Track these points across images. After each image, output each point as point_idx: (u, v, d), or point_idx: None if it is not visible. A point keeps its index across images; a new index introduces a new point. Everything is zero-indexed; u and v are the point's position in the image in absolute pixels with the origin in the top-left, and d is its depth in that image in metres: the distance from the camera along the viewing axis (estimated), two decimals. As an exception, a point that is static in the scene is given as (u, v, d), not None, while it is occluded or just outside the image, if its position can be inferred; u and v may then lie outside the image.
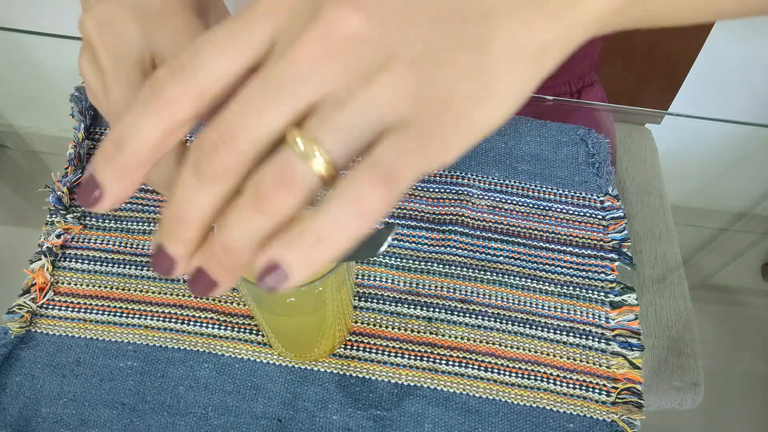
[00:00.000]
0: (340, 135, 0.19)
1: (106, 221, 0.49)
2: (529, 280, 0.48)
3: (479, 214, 0.50)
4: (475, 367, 0.44)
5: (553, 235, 0.50)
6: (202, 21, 0.28)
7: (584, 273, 0.48)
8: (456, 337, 0.45)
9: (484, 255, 0.49)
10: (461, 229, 0.49)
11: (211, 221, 0.21)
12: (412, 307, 0.46)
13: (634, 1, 0.22)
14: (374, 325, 0.46)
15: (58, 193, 0.49)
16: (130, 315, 0.46)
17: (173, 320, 0.45)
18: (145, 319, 0.45)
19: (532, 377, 0.44)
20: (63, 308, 0.46)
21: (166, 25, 0.25)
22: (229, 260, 0.20)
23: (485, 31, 0.20)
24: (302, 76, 0.19)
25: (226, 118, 0.19)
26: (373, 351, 0.45)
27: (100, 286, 0.47)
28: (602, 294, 0.47)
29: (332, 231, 0.19)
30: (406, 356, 0.45)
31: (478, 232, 0.50)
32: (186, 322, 0.45)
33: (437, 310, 0.46)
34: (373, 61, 0.19)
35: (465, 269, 0.48)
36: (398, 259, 0.48)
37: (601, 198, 0.52)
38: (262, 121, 0.19)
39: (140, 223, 0.49)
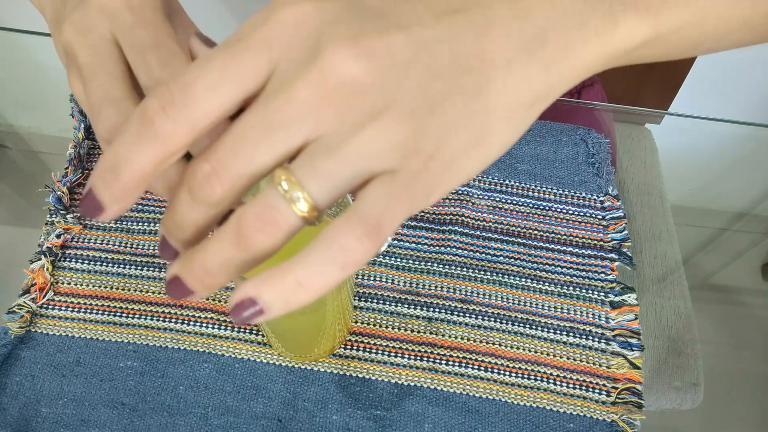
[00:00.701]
0: (326, 181, 0.19)
1: (106, 221, 0.49)
2: (529, 280, 0.48)
3: (479, 214, 0.50)
4: (475, 367, 0.44)
5: (553, 235, 0.50)
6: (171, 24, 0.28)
7: (584, 273, 0.48)
8: (456, 337, 0.45)
9: (484, 255, 0.49)
10: (461, 229, 0.49)
11: (202, 234, 0.22)
12: (412, 307, 0.46)
13: (634, 46, 0.23)
14: (374, 325, 0.46)
15: (58, 193, 0.49)
16: (130, 315, 0.46)
17: (173, 320, 0.45)
18: (145, 319, 0.45)
19: (532, 377, 0.44)
20: (63, 308, 0.46)
21: (132, 20, 0.25)
22: (207, 279, 0.21)
23: (482, 82, 0.20)
24: (296, 118, 0.19)
25: (220, 150, 0.20)
26: (373, 351, 0.45)
27: (100, 286, 0.47)
28: (602, 294, 0.47)
29: (313, 278, 0.19)
30: (406, 356, 0.45)
31: (478, 232, 0.50)
32: (186, 322, 0.45)
33: (437, 310, 0.46)
34: (367, 109, 0.19)
35: (465, 269, 0.48)
36: (398, 259, 0.48)
37: (601, 198, 0.52)
38: (253, 158, 0.19)
39: (140, 223, 0.49)
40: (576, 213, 0.51)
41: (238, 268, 0.21)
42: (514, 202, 0.51)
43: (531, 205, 0.51)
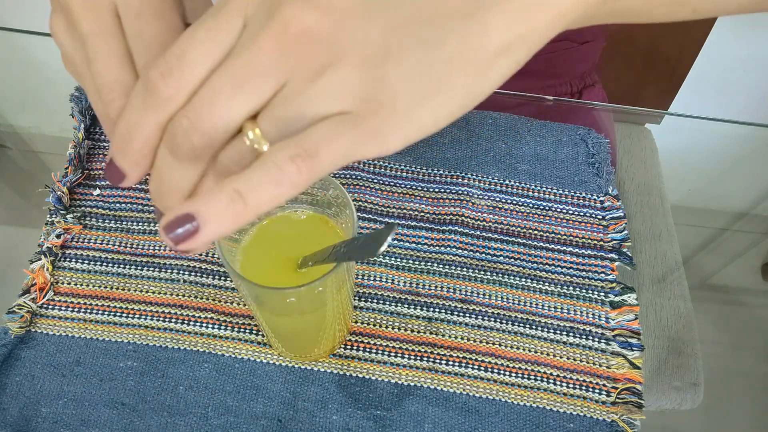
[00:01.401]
0: (285, 128, 0.21)
1: (106, 221, 0.49)
2: (529, 280, 0.48)
3: (479, 214, 0.50)
4: (475, 367, 0.44)
5: (553, 235, 0.50)
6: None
7: (584, 273, 0.48)
8: (456, 337, 0.45)
9: (484, 255, 0.49)
10: (461, 229, 0.49)
11: (187, 192, 0.24)
12: (412, 307, 0.46)
13: (585, 5, 0.22)
14: (374, 325, 0.46)
15: (58, 193, 0.49)
16: (130, 315, 0.46)
17: (173, 320, 0.45)
18: (145, 319, 0.45)
19: (532, 377, 0.44)
20: (63, 308, 0.46)
21: (139, 6, 0.25)
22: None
23: (440, 32, 0.21)
24: (262, 69, 0.21)
25: (196, 105, 0.21)
26: (373, 351, 0.45)
27: (100, 286, 0.47)
28: (602, 294, 0.47)
29: (251, 190, 0.21)
30: (406, 356, 0.44)
31: (478, 232, 0.50)
32: (186, 322, 0.45)
33: (437, 310, 0.46)
34: (323, 58, 0.21)
35: (465, 269, 0.48)
36: (398, 259, 0.48)
37: (601, 198, 0.52)
38: (228, 110, 0.21)
39: (140, 223, 0.49)
40: (576, 213, 0.51)
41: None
42: (514, 202, 0.51)
43: (531, 205, 0.51)
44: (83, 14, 0.25)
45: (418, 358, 0.44)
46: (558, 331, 0.46)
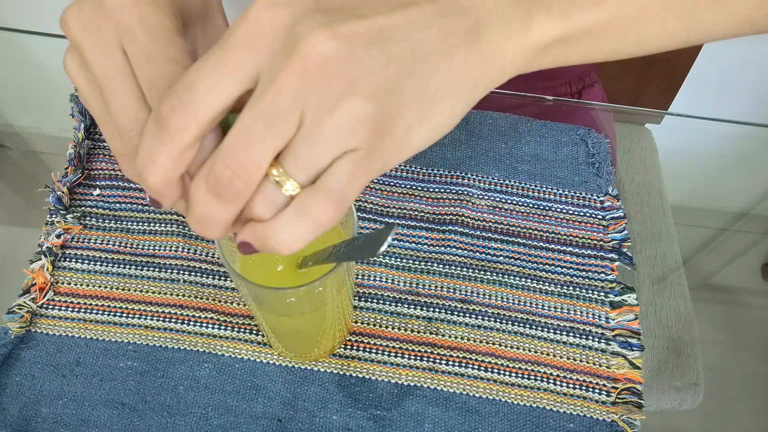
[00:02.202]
0: (309, 166, 0.23)
1: (106, 221, 0.49)
2: (529, 280, 0.48)
3: (479, 214, 0.50)
4: (475, 367, 0.44)
5: (553, 235, 0.50)
6: (187, 39, 0.29)
7: (584, 273, 0.48)
8: (456, 337, 0.45)
9: (484, 255, 0.49)
10: (461, 229, 0.49)
11: (232, 224, 0.25)
12: (412, 307, 0.46)
13: (547, 43, 0.26)
14: (374, 325, 0.46)
15: (58, 193, 0.49)
16: (130, 315, 0.46)
17: (173, 320, 0.45)
18: (145, 319, 0.45)
19: (532, 377, 0.44)
20: (63, 308, 0.46)
21: (149, 48, 0.25)
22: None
23: (429, 68, 0.24)
24: (289, 106, 0.22)
25: (233, 152, 0.23)
26: (373, 351, 0.45)
27: (100, 286, 0.47)
28: (602, 294, 0.47)
29: (288, 239, 0.24)
30: (406, 356, 0.45)
31: (478, 232, 0.50)
32: (186, 322, 0.45)
33: (437, 310, 0.46)
34: (338, 89, 0.22)
35: (465, 269, 0.48)
36: (398, 259, 0.48)
37: (601, 198, 0.52)
38: (264, 152, 0.23)
39: (140, 223, 0.49)
40: (576, 213, 0.51)
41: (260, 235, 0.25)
42: (514, 202, 0.51)
43: (531, 205, 0.51)
44: (94, 55, 0.26)
45: (418, 358, 0.44)
46: (558, 331, 0.46)
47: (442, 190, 0.51)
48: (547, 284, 0.48)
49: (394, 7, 0.23)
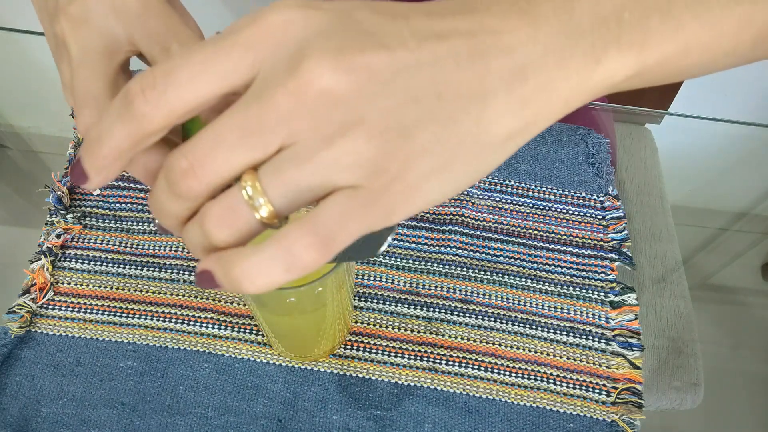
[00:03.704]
0: (289, 191, 0.20)
1: (106, 221, 0.49)
2: (529, 280, 0.48)
3: (479, 214, 0.50)
4: (475, 367, 0.44)
5: (553, 235, 0.50)
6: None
7: (584, 273, 0.48)
8: (456, 337, 0.45)
9: (484, 255, 0.49)
10: (461, 229, 0.49)
11: (182, 222, 0.23)
12: (412, 307, 0.46)
13: (605, 87, 0.23)
14: (374, 325, 0.46)
15: (58, 193, 0.49)
16: (130, 315, 0.46)
17: (173, 320, 0.45)
18: (145, 319, 0.45)
19: (532, 377, 0.44)
20: (63, 308, 0.46)
21: (144, 18, 0.26)
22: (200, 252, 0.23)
23: (455, 112, 0.20)
24: (273, 126, 0.20)
25: (198, 149, 0.20)
26: (373, 351, 0.45)
27: (100, 286, 0.47)
28: (602, 294, 0.47)
29: (258, 274, 0.21)
30: (406, 356, 0.45)
31: (478, 232, 0.50)
32: (186, 322, 0.45)
33: (437, 310, 0.46)
34: (340, 123, 0.20)
35: (465, 269, 0.48)
36: (398, 259, 0.48)
37: (601, 198, 0.52)
38: (229, 160, 0.20)
39: (140, 223, 0.49)
40: (576, 213, 0.51)
41: (207, 250, 0.22)
42: (514, 202, 0.51)
43: (531, 205, 0.51)
44: (73, 39, 0.26)
45: (418, 358, 0.44)
46: (558, 331, 0.46)
47: (442, 190, 0.51)
48: (547, 284, 0.48)
49: (423, 39, 0.20)
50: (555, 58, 0.21)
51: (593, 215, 0.51)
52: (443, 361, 0.44)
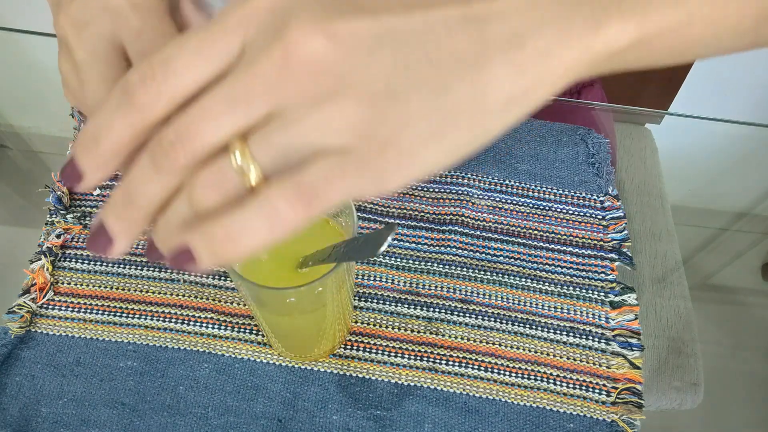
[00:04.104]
0: (279, 155, 0.20)
1: (106, 221, 0.49)
2: (529, 280, 0.48)
3: (479, 214, 0.50)
4: (475, 367, 0.44)
5: (553, 235, 0.50)
6: (173, 19, 0.28)
7: (584, 273, 0.48)
8: (456, 337, 0.45)
9: (484, 255, 0.49)
10: (461, 229, 0.49)
11: (155, 209, 0.22)
12: (412, 307, 0.46)
13: (608, 55, 0.22)
14: (374, 325, 0.46)
15: (58, 193, 0.49)
16: (130, 315, 0.46)
17: (173, 320, 0.45)
18: (145, 319, 0.45)
19: (532, 377, 0.44)
20: (63, 308, 0.46)
21: (139, 25, 0.26)
22: (166, 233, 0.22)
23: (449, 78, 0.20)
24: (258, 93, 0.20)
25: (184, 120, 0.20)
26: (373, 351, 0.45)
27: (100, 286, 0.47)
28: (602, 294, 0.47)
29: (241, 234, 0.20)
30: (406, 356, 0.45)
31: (478, 232, 0.50)
32: (186, 322, 0.45)
33: (437, 310, 0.46)
34: (326, 88, 0.20)
35: (465, 269, 0.48)
36: (398, 259, 0.48)
37: (601, 198, 0.52)
38: (215, 130, 0.20)
39: (140, 223, 0.49)
40: (576, 213, 0.51)
41: (188, 226, 0.22)
42: (514, 202, 0.51)
43: (531, 205, 0.51)
44: (78, 44, 0.25)
45: (418, 358, 0.44)
46: (558, 331, 0.46)
47: (442, 190, 0.51)
48: (547, 284, 0.48)
49: (412, 6, 0.20)
50: (553, 25, 0.21)
51: (593, 215, 0.51)
52: (443, 361, 0.44)
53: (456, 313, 0.46)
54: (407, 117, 0.20)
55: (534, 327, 0.46)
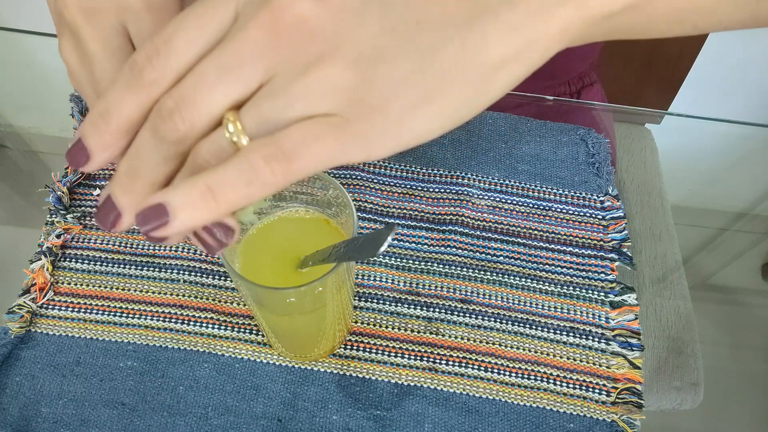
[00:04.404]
0: (269, 124, 0.21)
1: (106, 221, 0.49)
2: (529, 280, 0.48)
3: (479, 214, 0.50)
4: (475, 367, 0.44)
5: (553, 235, 0.50)
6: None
7: (584, 273, 0.48)
8: (456, 337, 0.45)
9: (484, 255, 0.49)
10: (461, 229, 0.49)
11: (160, 182, 0.23)
12: (412, 307, 0.46)
13: (604, 16, 0.22)
14: (374, 325, 0.46)
15: (58, 193, 0.49)
16: (130, 315, 0.46)
17: (173, 320, 0.45)
18: (145, 319, 0.45)
19: (532, 377, 0.44)
20: (63, 308, 0.46)
21: (152, 29, 0.26)
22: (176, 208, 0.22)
23: (437, 40, 0.20)
24: (249, 58, 0.20)
25: (182, 89, 0.21)
26: (373, 351, 0.45)
27: (100, 286, 0.47)
28: (602, 294, 0.47)
29: (222, 187, 0.21)
30: (406, 356, 0.44)
31: (478, 232, 0.50)
32: (186, 322, 0.45)
33: (437, 310, 0.46)
34: (314, 52, 0.20)
35: (465, 269, 0.48)
36: (398, 259, 0.48)
37: (601, 198, 0.52)
38: (212, 97, 0.21)
39: (140, 223, 0.49)
40: (576, 213, 0.51)
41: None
42: (514, 202, 0.51)
43: (531, 205, 0.51)
44: (92, 35, 0.25)
45: (418, 358, 0.44)
46: (558, 331, 0.46)
47: (442, 190, 0.51)
48: (547, 284, 0.48)
49: None
50: None
51: (593, 215, 0.51)
52: (443, 361, 0.44)
53: (456, 313, 0.46)
54: (394, 81, 0.20)
55: (534, 327, 0.46)
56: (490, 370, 0.44)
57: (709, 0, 0.23)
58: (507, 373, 0.44)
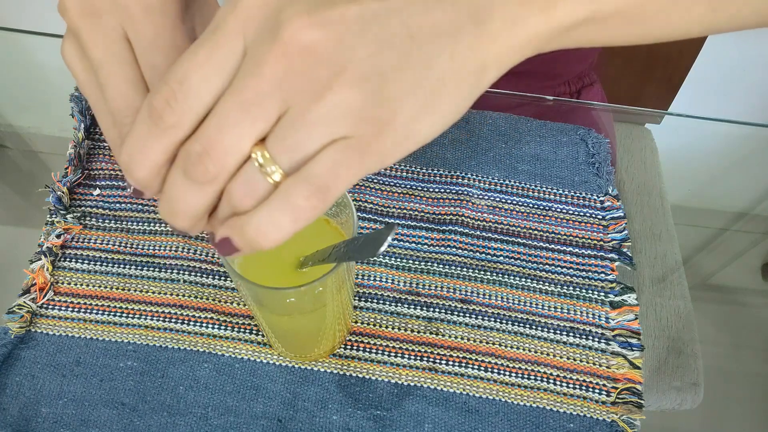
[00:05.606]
0: (295, 152, 0.22)
1: (106, 221, 0.49)
2: (529, 280, 0.48)
3: (479, 214, 0.50)
4: (475, 367, 0.44)
5: (553, 235, 0.50)
6: (187, 18, 0.29)
7: (584, 273, 0.48)
8: (456, 337, 0.45)
9: (484, 255, 0.49)
10: (461, 229, 0.49)
11: (202, 215, 0.24)
12: (412, 307, 0.46)
13: (573, 24, 0.24)
14: (374, 325, 0.46)
15: (58, 193, 0.49)
16: (130, 315, 0.46)
17: (173, 320, 0.45)
18: (145, 319, 0.45)
19: (532, 377, 0.44)
20: (63, 308, 0.46)
21: (152, 35, 0.26)
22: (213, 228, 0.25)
23: (431, 53, 0.22)
24: (267, 93, 0.21)
25: (207, 131, 0.22)
26: (373, 351, 0.45)
27: (100, 286, 0.47)
28: (602, 294, 0.47)
29: (269, 228, 0.23)
30: (406, 356, 0.45)
31: (478, 232, 0.50)
32: (186, 322, 0.45)
33: (437, 310, 0.46)
34: (324, 77, 0.21)
35: (465, 269, 0.48)
36: (398, 259, 0.48)
37: (601, 198, 0.52)
38: (238, 136, 0.22)
39: (140, 223, 0.49)
40: (576, 213, 0.51)
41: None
42: (514, 202, 0.51)
43: (531, 205, 0.51)
44: (93, 41, 0.26)
45: (418, 358, 0.44)
46: (558, 331, 0.46)
47: (442, 190, 0.51)
48: (547, 284, 0.48)
49: None
50: None
51: (593, 215, 0.51)
52: (443, 361, 0.44)
53: (456, 313, 0.46)
54: (398, 95, 0.22)
55: (534, 327, 0.46)
56: (490, 370, 0.44)
57: (675, 12, 0.26)
58: (507, 373, 0.44)
